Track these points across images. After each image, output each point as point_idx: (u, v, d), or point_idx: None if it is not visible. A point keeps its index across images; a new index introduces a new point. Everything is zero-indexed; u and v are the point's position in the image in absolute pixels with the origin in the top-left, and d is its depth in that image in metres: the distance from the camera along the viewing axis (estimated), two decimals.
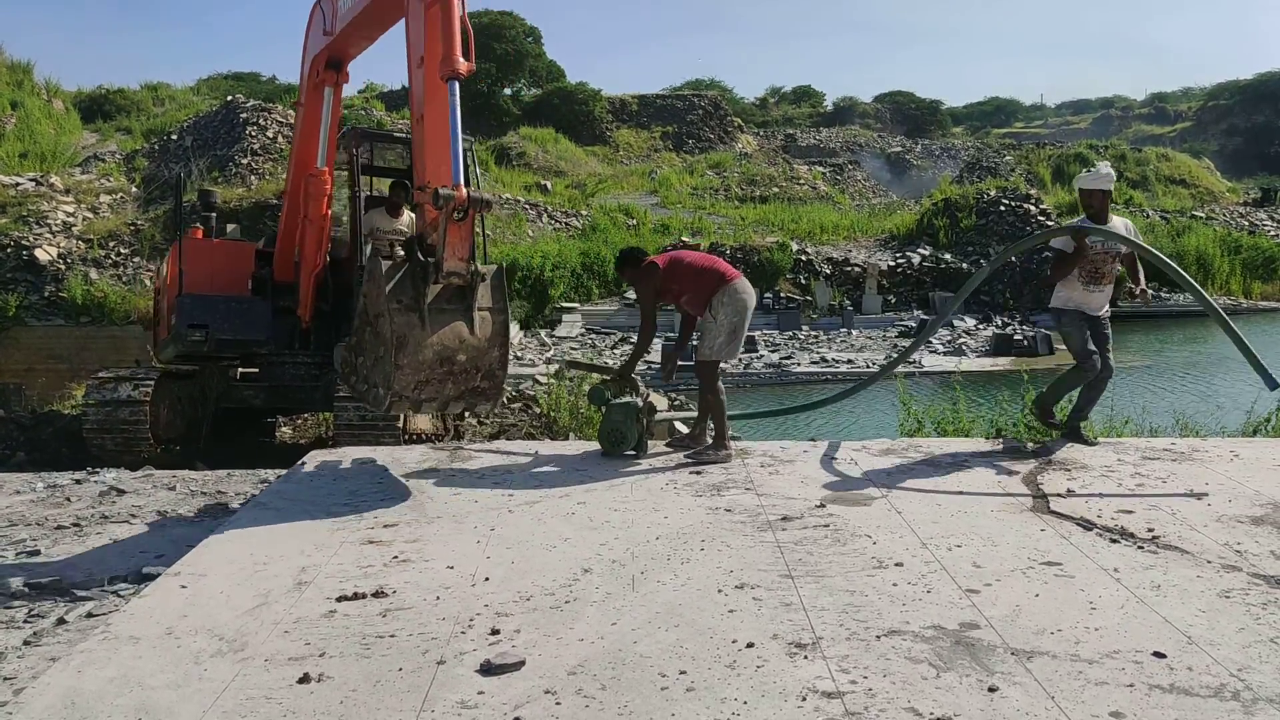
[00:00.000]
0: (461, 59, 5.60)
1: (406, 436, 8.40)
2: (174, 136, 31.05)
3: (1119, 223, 7.06)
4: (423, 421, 8.97)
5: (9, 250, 19.95)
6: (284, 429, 10.96)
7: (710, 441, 6.77)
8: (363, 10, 7.37)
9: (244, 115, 29.70)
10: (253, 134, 28.68)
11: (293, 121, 10.57)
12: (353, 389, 6.17)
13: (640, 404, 6.79)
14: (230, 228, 10.61)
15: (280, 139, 28.33)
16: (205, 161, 27.35)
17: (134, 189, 24.86)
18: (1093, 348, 6.90)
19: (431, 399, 5.53)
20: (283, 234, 9.63)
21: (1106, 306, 7.09)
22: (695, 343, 7.13)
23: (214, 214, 10.40)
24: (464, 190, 5.36)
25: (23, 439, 9.72)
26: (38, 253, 20.11)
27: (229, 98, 33.28)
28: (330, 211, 9.19)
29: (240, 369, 9.85)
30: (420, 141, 5.81)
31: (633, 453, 6.73)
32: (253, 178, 26.32)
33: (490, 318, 5.52)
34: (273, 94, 40.89)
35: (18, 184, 21.94)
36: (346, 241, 9.94)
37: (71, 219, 21.64)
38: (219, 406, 9.59)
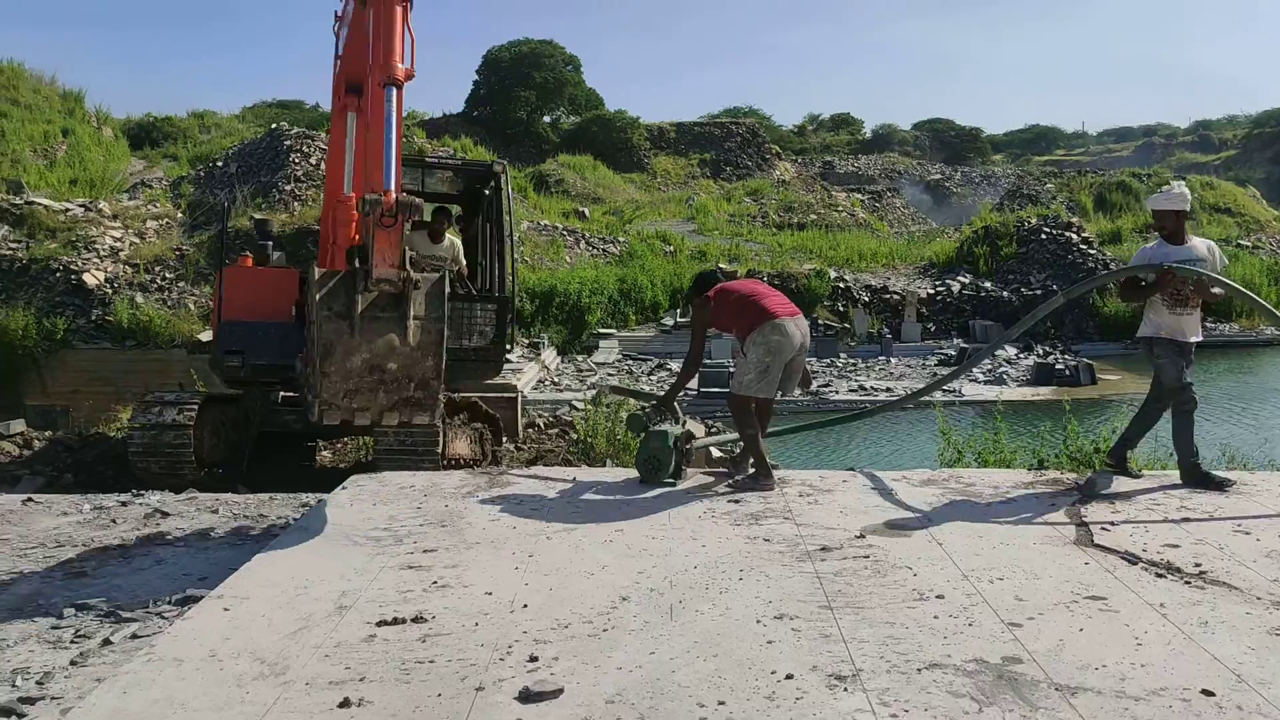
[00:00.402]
0: (400, 64, 5.59)
1: (445, 462, 8.45)
2: (219, 163, 31.60)
3: (1200, 244, 6.68)
4: (461, 447, 9.03)
5: (58, 274, 20.34)
6: (324, 453, 11.06)
7: (750, 470, 6.76)
8: (349, 30, 7.53)
9: (288, 142, 30.17)
10: (296, 161, 29.12)
11: None
12: (302, 398, 6.14)
13: (678, 432, 6.79)
14: (275, 255, 10.73)
15: (323, 166, 28.74)
16: (250, 188, 27.79)
17: (180, 215, 25.30)
18: (1189, 379, 6.50)
19: (364, 409, 5.41)
20: (319, 260, 9.74)
21: (1199, 333, 6.66)
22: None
23: (270, 242, 10.53)
24: (391, 195, 5.35)
25: (70, 461, 9.88)
26: (86, 277, 20.49)
27: (273, 125, 33.85)
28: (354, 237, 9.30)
29: (282, 393, 9.96)
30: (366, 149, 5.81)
31: (670, 480, 6.73)
32: (295, 204, 26.71)
33: (425, 327, 5.42)
34: (316, 121, 41.49)
35: (67, 209, 22.40)
36: None
37: (119, 244, 22.05)
38: (261, 430, 9.69)
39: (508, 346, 9.50)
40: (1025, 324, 8.45)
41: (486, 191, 10.25)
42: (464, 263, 10.22)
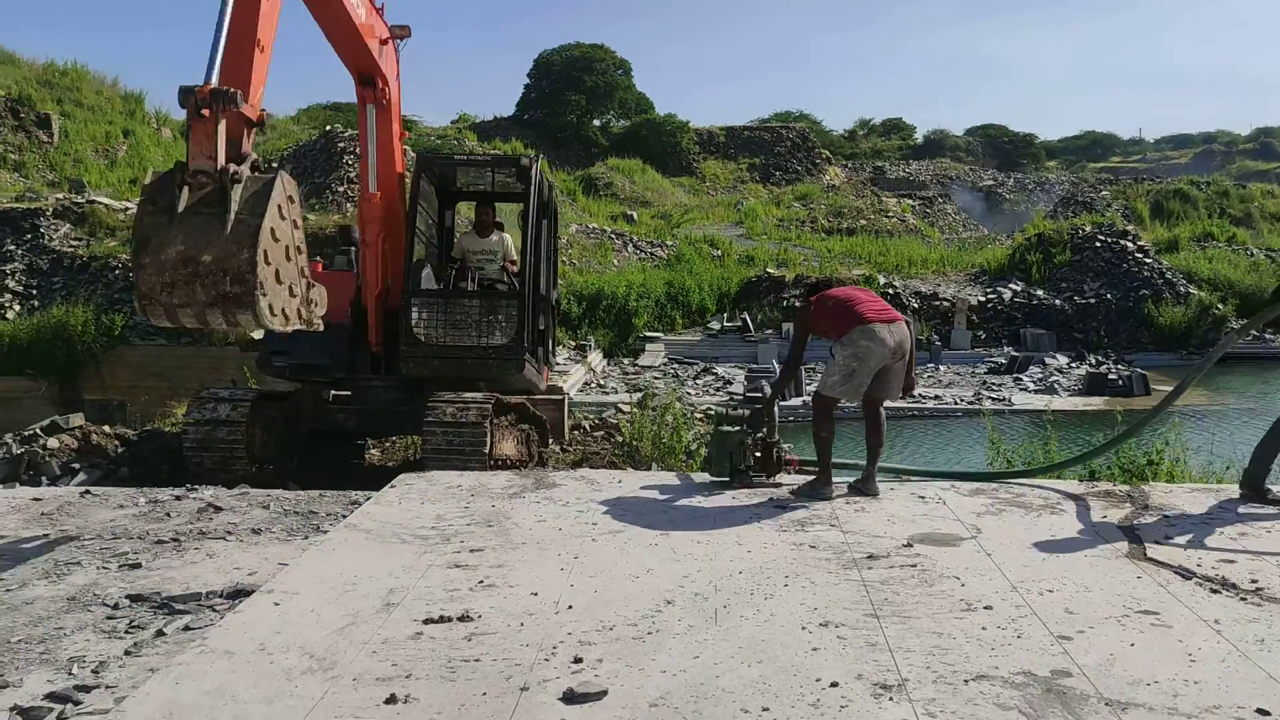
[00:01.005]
0: None
1: (492, 462, 8.50)
2: (274, 164, 32.04)
3: None
4: (508, 448, 9.06)
5: (117, 272, 20.75)
6: (372, 451, 11.17)
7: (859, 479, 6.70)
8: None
9: (341, 145, 30.55)
10: (349, 163, 29.46)
11: None
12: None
13: (734, 434, 6.85)
14: (339, 258, 10.83)
15: None
16: (304, 189, 28.17)
17: None
18: None
19: (185, 304, 5.27)
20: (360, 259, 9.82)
21: None
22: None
23: (354, 247, 10.54)
24: (208, 86, 5.33)
25: (126, 455, 10.06)
26: None
27: (328, 128, 34.28)
28: (382, 236, 9.33)
29: (333, 391, 10.06)
30: None
31: (722, 478, 6.84)
32: (348, 205, 27.03)
33: (242, 220, 5.28)
34: None
35: (127, 208, 22.84)
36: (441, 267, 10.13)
37: None
38: (312, 428, 9.80)
39: (526, 344, 9.29)
40: (1221, 349, 7.80)
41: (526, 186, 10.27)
42: (515, 258, 10.24)
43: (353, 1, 8.07)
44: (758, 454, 6.95)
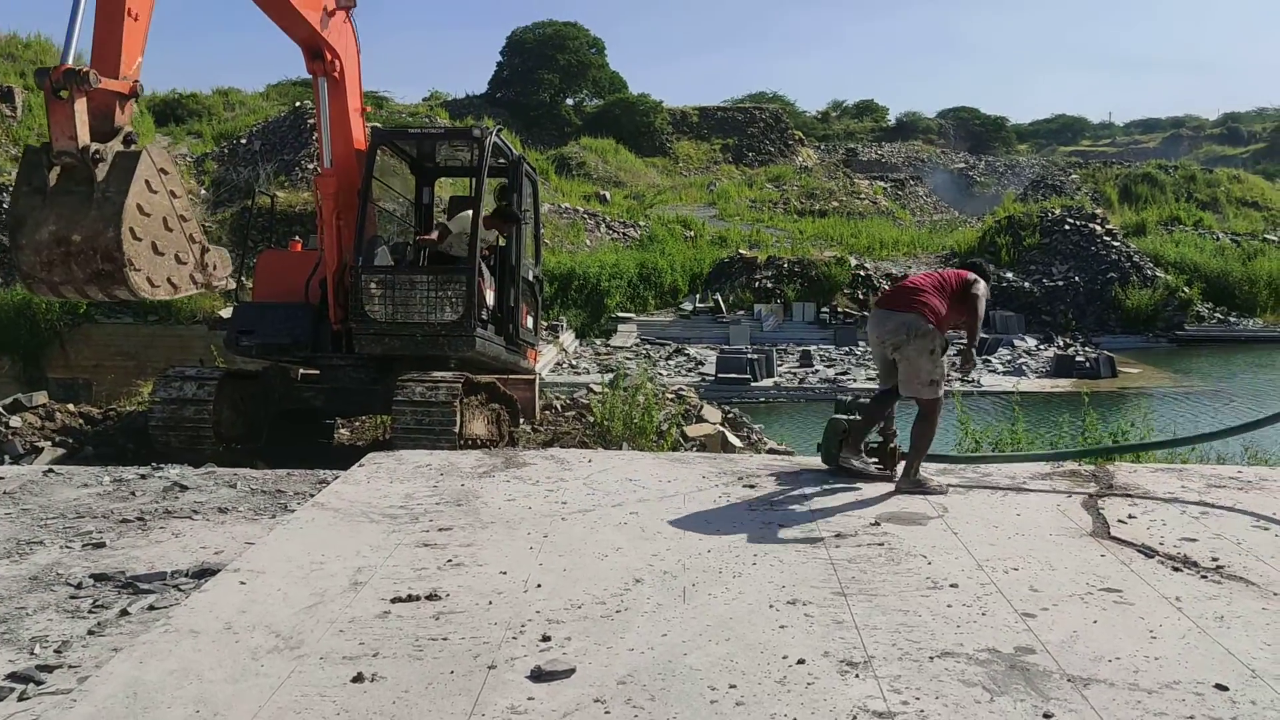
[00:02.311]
0: None
1: (462, 442, 8.46)
2: (243, 141, 31.68)
3: None
4: (478, 427, 9.03)
5: None
6: (342, 431, 11.10)
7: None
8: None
9: (311, 121, 30.16)
10: (319, 140, 29.19)
11: None
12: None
13: (841, 424, 6.64)
14: (314, 236, 10.70)
15: None
16: (273, 166, 27.87)
17: (203, 191, 25.35)
18: None
19: (65, 281, 5.40)
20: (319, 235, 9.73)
21: None
22: None
23: None
24: (63, 67, 5.29)
25: (90, 433, 9.95)
26: None
27: (297, 104, 33.88)
28: (335, 211, 9.22)
29: (302, 371, 9.98)
30: None
31: (828, 463, 6.67)
32: None
33: (107, 198, 5.33)
34: None
35: None
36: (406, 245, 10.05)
37: None
38: (281, 407, 9.73)
39: (474, 320, 9.05)
40: None
41: (503, 162, 10.19)
42: (492, 239, 10.15)
43: None
44: (872, 445, 6.68)
